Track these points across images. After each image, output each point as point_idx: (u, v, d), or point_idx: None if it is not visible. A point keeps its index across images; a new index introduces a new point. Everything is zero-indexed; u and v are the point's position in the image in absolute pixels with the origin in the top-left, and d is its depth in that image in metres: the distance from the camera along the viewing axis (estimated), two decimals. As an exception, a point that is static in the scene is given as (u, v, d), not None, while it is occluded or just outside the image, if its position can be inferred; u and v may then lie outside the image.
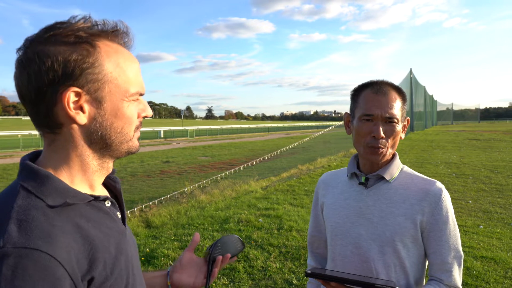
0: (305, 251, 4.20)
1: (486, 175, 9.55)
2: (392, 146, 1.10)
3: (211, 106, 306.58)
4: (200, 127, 59.55)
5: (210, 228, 5.21)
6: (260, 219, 5.56)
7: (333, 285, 0.92)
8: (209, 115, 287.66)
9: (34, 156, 0.71)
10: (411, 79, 34.13)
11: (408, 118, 1.16)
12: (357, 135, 1.11)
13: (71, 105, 0.63)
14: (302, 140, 15.80)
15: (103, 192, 0.76)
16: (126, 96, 0.68)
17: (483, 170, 10.39)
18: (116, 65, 0.66)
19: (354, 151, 16.42)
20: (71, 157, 0.67)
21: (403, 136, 1.14)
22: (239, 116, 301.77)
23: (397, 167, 1.15)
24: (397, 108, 1.08)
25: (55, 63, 0.61)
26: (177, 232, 5.01)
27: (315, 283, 1.33)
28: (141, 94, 0.71)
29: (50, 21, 0.66)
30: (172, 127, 58.21)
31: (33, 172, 0.64)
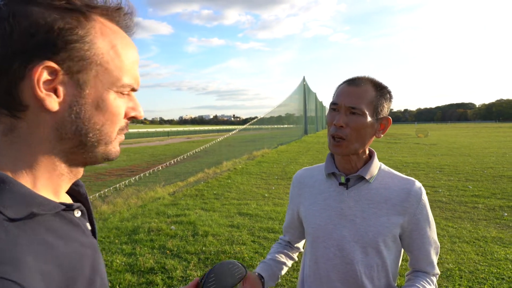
0: (224, 256, 4.11)
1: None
2: (359, 141, 1.06)
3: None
4: (92, 132, 54.56)
5: (117, 241, 4.74)
6: (173, 227, 5.29)
7: None
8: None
9: None
10: (304, 86, 36.88)
11: (388, 117, 1.11)
12: (327, 126, 1.10)
13: (41, 85, 0.48)
14: (208, 144, 15.66)
15: (67, 199, 0.59)
16: (115, 86, 0.54)
17: (369, 167, 11.72)
18: (111, 47, 0.53)
19: (256, 153, 17.00)
20: (36, 153, 0.51)
21: (380, 135, 1.10)
22: (134, 120, 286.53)
23: (376, 167, 1.14)
24: (366, 100, 1.04)
25: (33, 26, 0.47)
26: (78, 249, 4.42)
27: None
28: (133, 90, 0.58)
29: None
30: (58, 131, 51.91)
31: None
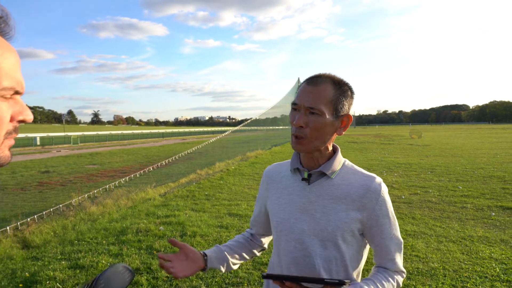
0: (211, 256, 4.11)
1: (364, 172, 10.85)
2: (319, 139, 1.07)
3: (98, 111, 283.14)
4: (86, 133, 54.33)
5: (104, 241, 4.72)
6: (161, 227, 5.27)
7: (288, 285, 0.93)
8: (96, 120, 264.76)
9: None
10: (299, 87, 36.94)
11: (349, 115, 1.12)
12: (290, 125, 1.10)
13: None
14: (200, 145, 15.63)
15: None
16: None
17: (361, 168, 11.79)
18: None
19: (250, 154, 17.02)
20: None
21: (342, 132, 1.11)
22: (130, 121, 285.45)
23: (339, 163, 1.15)
24: (324, 99, 1.05)
25: None
26: (65, 250, 4.40)
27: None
28: (17, 93, 0.56)
29: None
30: (51, 133, 51.73)
31: None
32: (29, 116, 0.58)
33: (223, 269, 1.25)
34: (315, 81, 1.07)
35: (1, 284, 3.43)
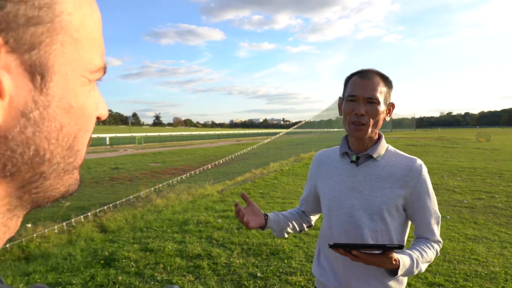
0: (266, 247, 4.34)
1: (423, 176, 10.40)
2: (374, 125, 1.25)
3: (159, 113, 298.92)
4: (148, 134, 57.83)
5: (169, 230, 5.17)
6: (219, 220, 5.63)
7: (354, 254, 1.08)
8: (157, 122, 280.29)
9: None
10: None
11: (393, 103, 1.31)
12: (344, 114, 1.28)
13: None
14: (255, 145, 16.05)
15: None
16: (89, 70, 0.30)
17: (420, 171, 11.30)
18: (78, 5, 0.28)
19: (304, 156, 17.09)
20: None
21: (388, 118, 1.30)
22: (188, 123, 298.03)
23: (384, 147, 1.32)
24: (378, 90, 1.23)
25: None
26: (136, 236, 4.91)
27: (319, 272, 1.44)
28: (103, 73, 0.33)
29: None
30: (118, 133, 55.89)
31: None
32: (105, 111, 0.35)
33: (276, 233, 1.45)
34: (367, 75, 1.25)
35: (86, 259, 3.97)
